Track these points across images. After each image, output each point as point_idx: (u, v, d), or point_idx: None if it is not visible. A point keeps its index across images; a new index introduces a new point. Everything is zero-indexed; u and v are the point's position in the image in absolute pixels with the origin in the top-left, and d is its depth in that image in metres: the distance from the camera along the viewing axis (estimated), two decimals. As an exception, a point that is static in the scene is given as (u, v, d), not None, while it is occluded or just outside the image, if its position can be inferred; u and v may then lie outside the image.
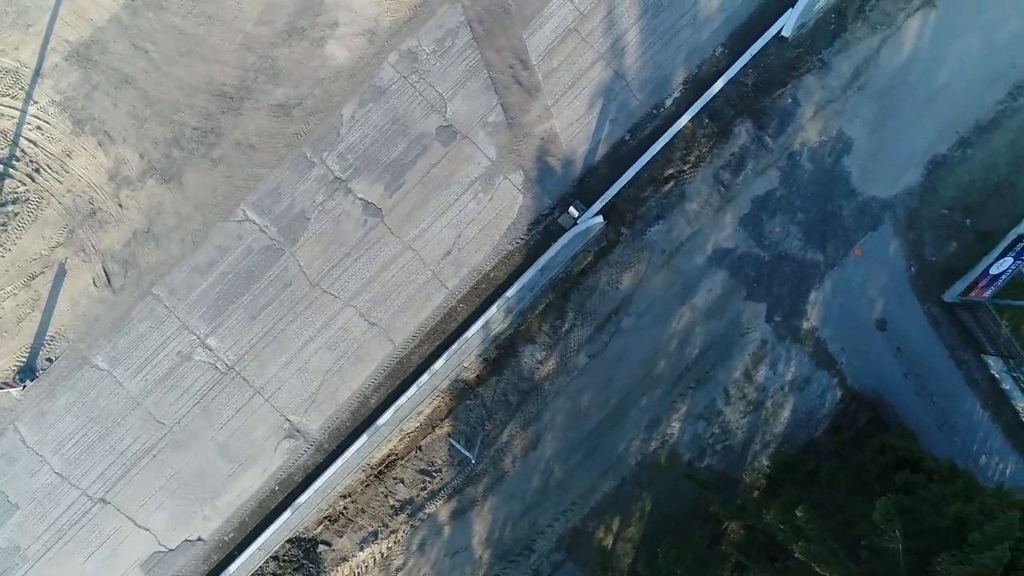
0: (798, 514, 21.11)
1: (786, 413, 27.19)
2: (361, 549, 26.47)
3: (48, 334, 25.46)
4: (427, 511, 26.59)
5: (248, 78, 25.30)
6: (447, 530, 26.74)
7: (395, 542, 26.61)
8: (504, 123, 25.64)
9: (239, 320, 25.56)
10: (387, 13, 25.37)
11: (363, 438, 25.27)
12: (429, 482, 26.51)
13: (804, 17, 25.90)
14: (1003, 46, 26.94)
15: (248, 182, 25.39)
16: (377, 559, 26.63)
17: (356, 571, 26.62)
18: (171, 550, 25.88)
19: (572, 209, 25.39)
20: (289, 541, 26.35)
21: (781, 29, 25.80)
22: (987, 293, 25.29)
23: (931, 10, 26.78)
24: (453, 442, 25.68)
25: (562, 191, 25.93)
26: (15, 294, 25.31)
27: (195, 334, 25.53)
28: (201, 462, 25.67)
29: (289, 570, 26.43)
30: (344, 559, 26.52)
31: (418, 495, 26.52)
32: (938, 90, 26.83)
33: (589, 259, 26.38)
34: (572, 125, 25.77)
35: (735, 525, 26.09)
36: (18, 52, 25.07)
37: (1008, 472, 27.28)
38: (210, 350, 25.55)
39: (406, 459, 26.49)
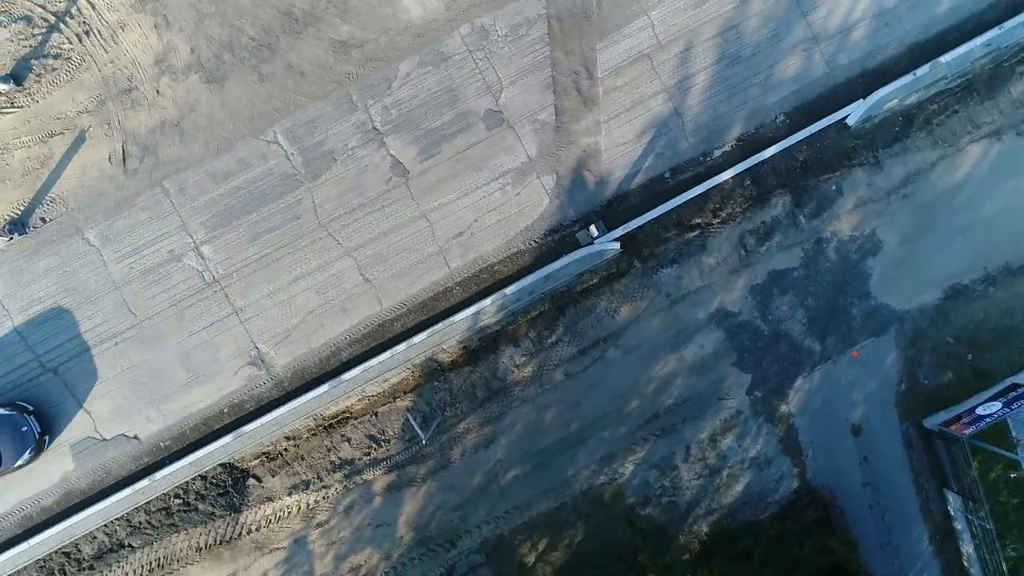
0: None
1: (739, 487, 27.00)
2: (289, 495, 26.23)
3: (49, 194, 25.20)
4: (364, 477, 26.35)
5: (319, 6, 25.05)
6: (378, 501, 26.50)
7: (324, 498, 26.37)
8: (553, 125, 25.42)
9: (238, 237, 25.31)
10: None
11: (324, 387, 25.03)
12: (375, 449, 26.27)
13: (872, 111, 25.73)
14: (1055, 199, 26.87)
15: (288, 106, 25.14)
16: (302, 508, 26.38)
17: (278, 514, 26.38)
18: (105, 440, 25.64)
19: (593, 228, 25.19)
20: (222, 465, 26.10)
21: (847, 117, 25.59)
22: (968, 431, 25.13)
23: (996, 142, 26.62)
24: (410, 417, 25.45)
25: (588, 208, 25.71)
26: (29, 146, 25.04)
27: (192, 238, 25.27)
28: (160, 363, 25.42)
29: (214, 493, 26.17)
30: (270, 499, 26.27)
31: (360, 459, 26.28)
32: (979, 221, 26.65)
33: (594, 281, 26.16)
34: (618, 147, 25.56)
35: (657, 580, 25.93)
36: (104, -87, 24.83)
37: (934, 609, 27.19)
38: (202, 257, 25.30)
39: (359, 420, 26.25)
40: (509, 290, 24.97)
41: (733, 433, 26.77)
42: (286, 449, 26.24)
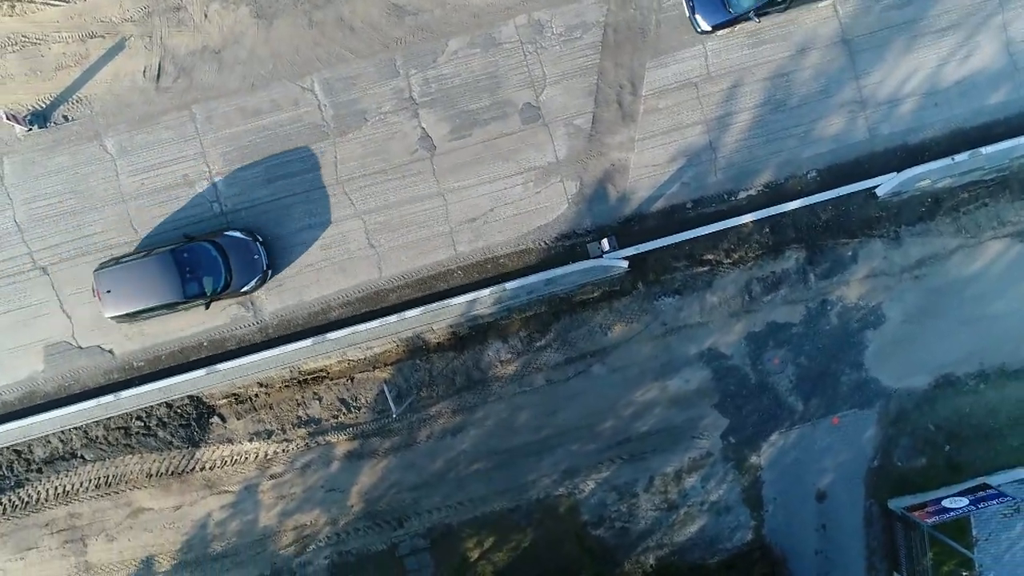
0: None
1: (693, 528, 26.86)
2: (250, 440, 26.08)
3: (77, 95, 25.08)
4: (328, 439, 26.20)
5: (382, -34, 24.97)
6: (336, 465, 26.36)
7: (284, 451, 26.22)
8: (587, 132, 25.31)
9: (254, 176, 25.17)
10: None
11: (307, 342, 24.92)
12: (344, 414, 26.13)
13: (903, 187, 25.67)
14: (1065, 317, 26.81)
15: (331, 58, 25.02)
16: (259, 456, 26.23)
17: (234, 457, 26.22)
18: (80, 348, 25.51)
19: (605, 242, 25.09)
20: (190, 398, 25.95)
21: (877, 187, 25.52)
22: (930, 520, 25.04)
23: (1018, 244, 26.50)
24: (386, 389, 25.30)
25: (604, 221, 25.61)
26: (67, 43, 24.91)
27: (208, 167, 25.14)
28: (150, 283, 25.26)
29: (176, 423, 26.01)
30: (230, 441, 26.12)
31: (328, 420, 26.13)
32: (985, 317, 26.55)
33: (595, 294, 26.05)
34: (646, 167, 25.45)
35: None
36: None
37: None
38: (214, 188, 25.16)
39: (334, 382, 26.11)
40: (509, 285, 24.86)
41: (699, 473, 26.64)
42: (256, 395, 26.09)
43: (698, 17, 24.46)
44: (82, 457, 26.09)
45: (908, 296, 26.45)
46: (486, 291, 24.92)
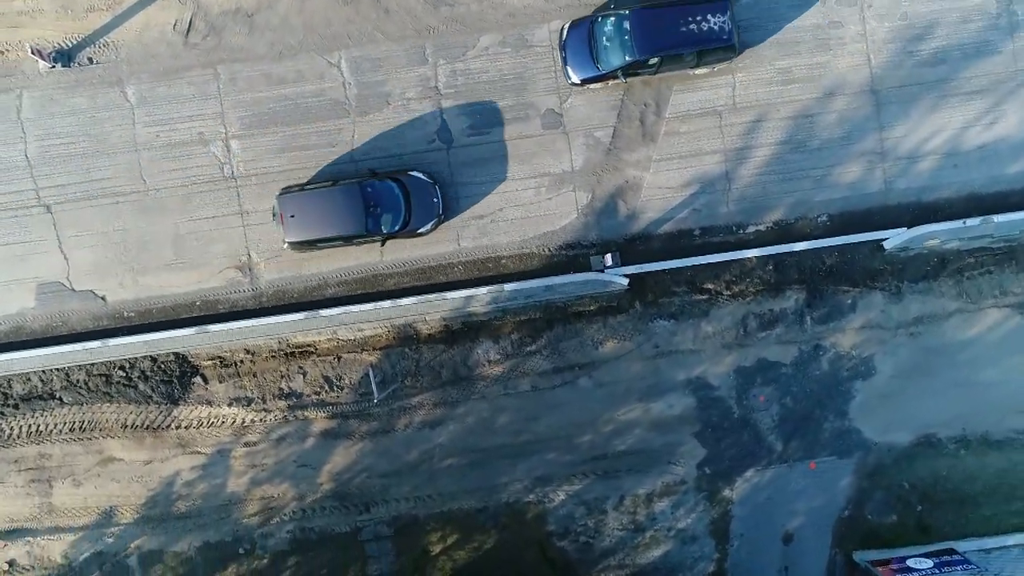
0: None
1: (657, 552, 26.81)
2: (230, 405, 26.04)
3: (105, 38, 25.08)
4: (307, 414, 26.17)
5: (426, -48, 24.97)
6: (311, 442, 26.32)
7: (261, 420, 26.18)
8: (606, 146, 25.29)
9: (270, 144, 25.16)
10: (578, -14, 25.00)
11: (300, 315, 24.86)
12: (326, 392, 26.09)
13: (911, 243, 25.68)
14: (1055, 394, 26.83)
15: (362, 37, 25.00)
16: (235, 423, 26.19)
17: (211, 419, 26.19)
18: (73, 290, 25.47)
19: (608, 257, 25.07)
20: (176, 355, 25.92)
21: (886, 240, 25.52)
22: (892, 577, 25.08)
23: (1017, 316, 26.51)
24: (371, 373, 25.27)
25: (610, 236, 25.60)
26: (102, -15, 24.90)
27: (225, 129, 25.11)
28: (152, 236, 25.26)
29: (158, 378, 25.97)
30: (209, 403, 26.08)
31: (309, 395, 26.10)
32: (975, 383, 26.53)
33: (591, 308, 26.04)
34: (660, 188, 25.44)
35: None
36: None
37: None
38: (228, 150, 25.14)
39: (321, 359, 26.08)
40: (508, 286, 24.83)
41: (670, 499, 26.61)
42: (242, 361, 26.05)
43: (569, 69, 24.57)
44: (60, 399, 26.04)
45: (901, 352, 26.44)
46: (484, 289, 24.89)
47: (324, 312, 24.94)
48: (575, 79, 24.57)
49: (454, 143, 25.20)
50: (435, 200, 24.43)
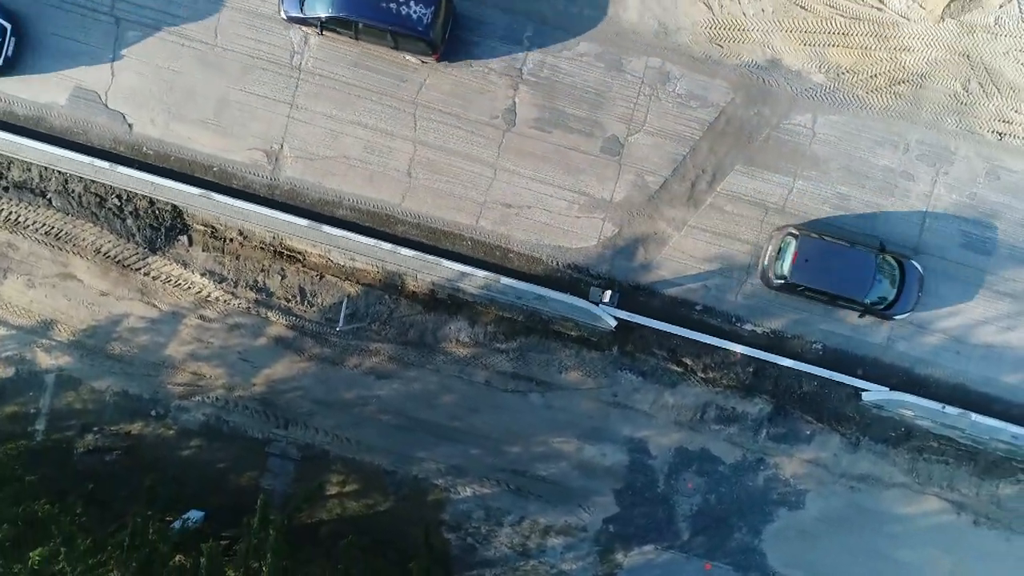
0: None
1: (531, 585, 27.00)
2: (203, 275, 26.03)
3: None
4: (268, 315, 26.19)
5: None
6: (262, 341, 26.36)
7: (225, 302, 26.19)
8: (651, 192, 25.41)
9: (345, 54, 25.05)
10: (698, 41, 25.03)
11: (304, 221, 24.88)
12: (296, 303, 26.12)
13: (888, 405, 25.93)
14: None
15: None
16: (200, 293, 26.21)
17: (179, 280, 26.19)
18: (106, 106, 25.39)
19: (608, 293, 25.16)
20: (174, 207, 25.88)
21: (865, 392, 25.72)
22: None
23: (953, 514, 26.75)
24: (345, 304, 25.32)
25: (618, 276, 25.69)
26: None
27: (310, 28, 25.02)
28: (200, 90, 25.24)
29: (147, 222, 25.90)
30: (185, 264, 26.07)
31: (279, 298, 26.11)
32: (889, 558, 26.79)
33: (571, 333, 26.15)
34: (682, 252, 25.56)
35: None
36: None
37: None
38: (305, 43, 25.06)
39: (304, 270, 26.10)
40: (504, 280, 24.92)
41: (566, 540, 26.72)
42: (232, 240, 26.04)
43: (284, 1, 24.17)
44: (50, 201, 25.96)
45: (835, 500, 26.65)
46: (481, 272, 24.97)
47: (327, 228, 24.97)
48: (283, 13, 24.21)
49: (514, 128, 25.28)
50: (919, 294, 24.88)
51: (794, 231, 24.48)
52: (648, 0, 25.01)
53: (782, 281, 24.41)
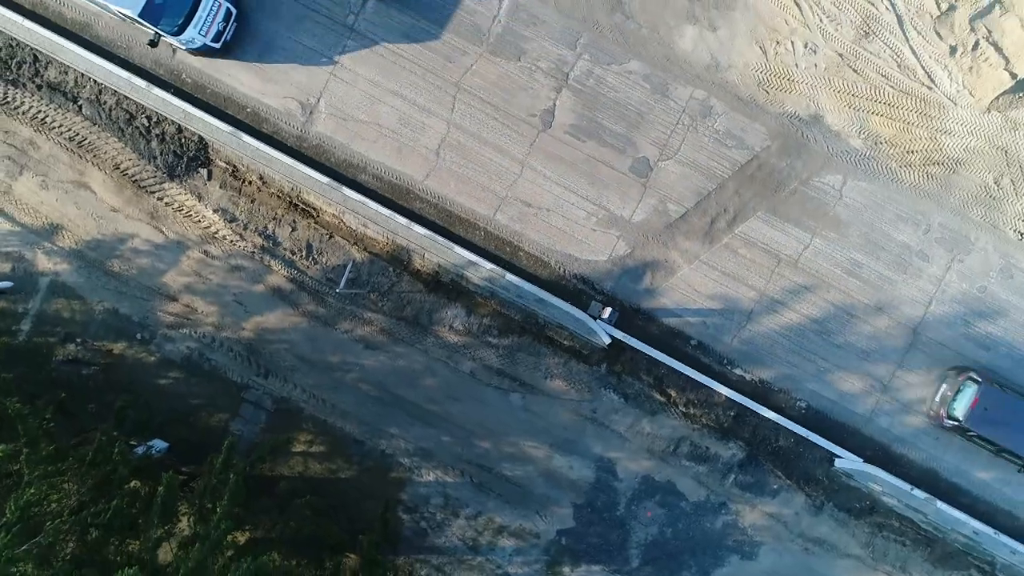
0: None
1: (474, 579, 27.04)
2: (215, 211, 26.07)
3: None
4: (271, 263, 26.23)
5: (636, -39, 25.14)
6: (259, 288, 26.40)
7: (231, 242, 26.24)
8: (672, 220, 25.49)
9: (400, 23, 25.16)
10: (746, 83, 25.13)
11: (325, 179, 24.94)
12: (300, 256, 26.15)
13: (858, 476, 26.04)
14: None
15: (536, -8, 25.22)
16: (209, 228, 26.25)
17: (190, 211, 26.24)
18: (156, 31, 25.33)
19: (608, 310, 25.22)
20: (200, 139, 25.93)
21: (839, 458, 25.80)
22: None
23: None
24: (348, 267, 25.37)
25: (621, 295, 25.77)
26: None
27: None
28: (249, 32, 25.22)
29: (171, 148, 25.89)
30: (199, 197, 26.11)
31: (285, 249, 26.14)
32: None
33: (564, 341, 26.23)
34: (688, 285, 25.66)
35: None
36: None
37: None
38: (363, 4, 25.10)
39: (316, 226, 26.15)
40: (509, 276, 25.01)
41: (517, 543, 26.76)
42: (251, 182, 26.08)
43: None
44: (80, 108, 25.98)
45: (788, 557, 26.73)
46: (488, 264, 25.04)
47: (347, 191, 25.03)
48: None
49: (550, 130, 25.35)
50: None
51: (976, 376, 24.54)
52: (706, 33, 25.10)
53: (955, 423, 24.58)
